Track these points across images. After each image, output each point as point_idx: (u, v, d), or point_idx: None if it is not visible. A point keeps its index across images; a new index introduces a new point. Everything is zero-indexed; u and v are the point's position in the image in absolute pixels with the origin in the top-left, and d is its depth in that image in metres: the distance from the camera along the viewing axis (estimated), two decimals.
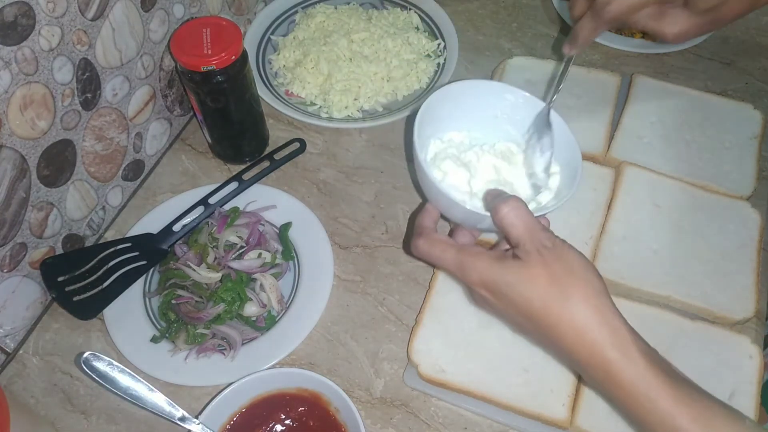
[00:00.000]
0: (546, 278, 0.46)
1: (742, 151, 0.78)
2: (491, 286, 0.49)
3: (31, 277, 0.68)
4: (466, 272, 0.50)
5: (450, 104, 0.62)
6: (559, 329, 0.46)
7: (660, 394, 0.44)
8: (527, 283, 0.47)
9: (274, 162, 0.80)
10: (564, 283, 0.46)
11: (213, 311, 0.66)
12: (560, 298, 0.46)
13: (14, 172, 0.62)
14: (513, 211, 0.49)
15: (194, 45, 0.69)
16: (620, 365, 0.45)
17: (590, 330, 0.45)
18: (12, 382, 0.67)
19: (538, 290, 0.46)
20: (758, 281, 0.68)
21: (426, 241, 0.54)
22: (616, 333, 0.45)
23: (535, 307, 0.47)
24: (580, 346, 0.46)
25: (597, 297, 0.46)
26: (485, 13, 0.98)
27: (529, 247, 0.48)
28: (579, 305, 0.46)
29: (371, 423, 0.63)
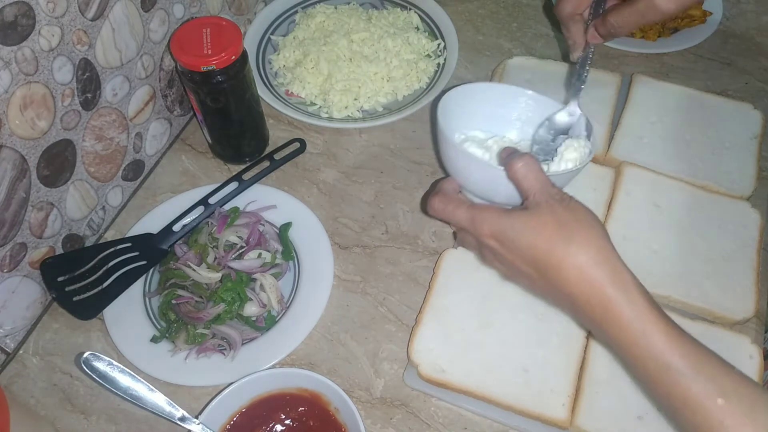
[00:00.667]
0: (552, 224, 0.48)
1: (742, 151, 0.78)
2: (500, 236, 0.51)
3: (31, 277, 0.68)
4: (477, 224, 0.52)
5: (473, 104, 0.65)
6: (561, 271, 0.48)
7: (654, 331, 0.46)
8: (534, 229, 0.49)
9: (274, 162, 0.80)
10: (569, 228, 0.48)
11: (213, 311, 0.66)
12: (564, 242, 0.47)
13: (14, 172, 0.62)
14: (526, 165, 0.51)
15: (194, 45, 0.69)
16: (619, 303, 0.47)
17: (591, 269, 0.47)
18: (12, 382, 0.67)
19: (544, 235, 0.48)
20: (758, 281, 0.68)
21: (441, 199, 0.56)
22: (616, 273, 0.47)
23: (540, 250, 0.49)
24: (581, 285, 0.47)
25: (599, 240, 0.48)
26: (485, 13, 0.98)
27: (539, 198, 0.50)
28: (582, 247, 0.47)
29: (371, 423, 0.63)
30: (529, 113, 0.66)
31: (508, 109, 0.66)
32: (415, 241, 0.75)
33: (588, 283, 0.47)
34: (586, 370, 0.63)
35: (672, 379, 0.46)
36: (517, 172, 0.51)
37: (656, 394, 0.48)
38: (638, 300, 0.47)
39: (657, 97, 0.83)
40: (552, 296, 0.52)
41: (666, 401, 0.47)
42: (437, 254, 0.73)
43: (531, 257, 0.49)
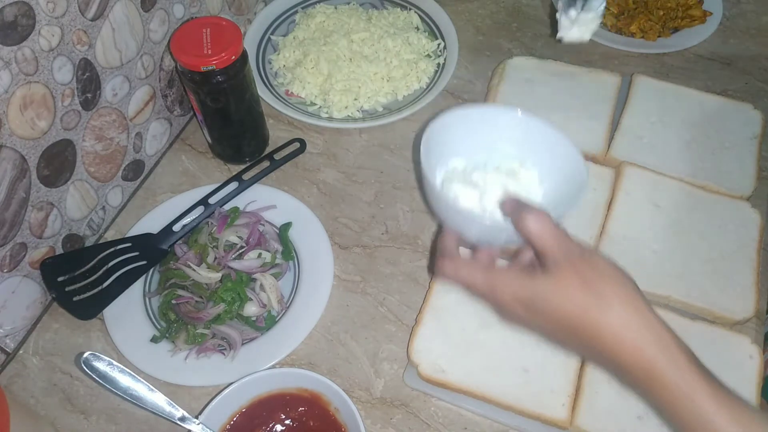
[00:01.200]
0: (580, 286, 0.46)
1: (742, 151, 0.78)
2: (526, 302, 0.48)
3: (31, 277, 0.68)
4: (497, 292, 0.50)
5: (449, 133, 0.62)
6: (600, 336, 0.46)
7: (701, 395, 0.44)
8: (562, 293, 0.46)
9: (274, 162, 0.80)
10: (598, 289, 0.46)
11: (213, 311, 0.66)
12: (597, 305, 0.45)
13: (14, 172, 0.62)
14: (539, 222, 0.48)
15: (194, 45, 0.69)
16: (662, 365, 0.44)
17: (631, 332, 0.45)
18: (12, 382, 0.67)
19: (574, 300, 0.46)
20: (758, 281, 0.68)
21: (451, 264, 0.53)
22: (654, 332, 0.45)
23: (573, 317, 0.46)
24: (622, 349, 0.45)
25: (634, 299, 0.46)
26: (485, 13, 0.98)
27: (559, 257, 0.47)
28: (617, 309, 0.45)
29: (371, 423, 0.63)
30: (511, 132, 0.62)
31: (488, 131, 0.62)
32: (415, 241, 0.75)
33: (626, 347, 0.45)
34: (586, 370, 0.63)
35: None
36: (531, 233, 0.48)
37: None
38: (681, 360, 0.45)
39: (657, 97, 0.83)
40: (589, 357, 0.51)
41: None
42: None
43: (562, 323, 0.47)
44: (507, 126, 0.62)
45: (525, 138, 0.61)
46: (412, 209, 0.78)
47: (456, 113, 0.61)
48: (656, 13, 0.92)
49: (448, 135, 0.61)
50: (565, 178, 0.58)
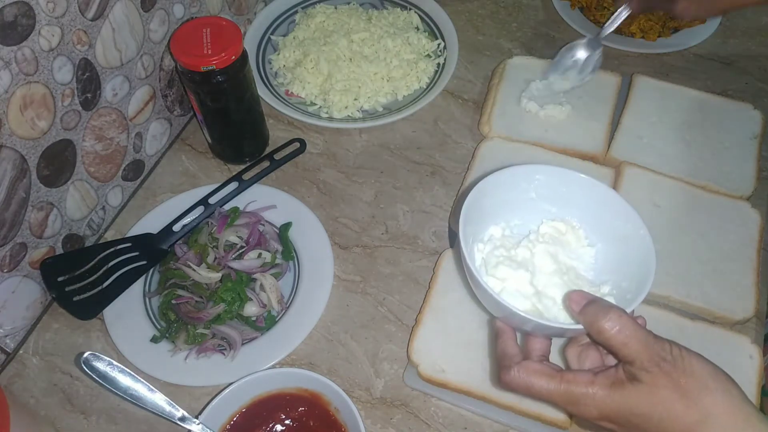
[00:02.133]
0: (679, 399, 0.41)
1: (742, 151, 0.78)
2: (618, 419, 0.43)
3: (31, 277, 0.68)
4: (581, 407, 0.44)
5: (482, 202, 0.56)
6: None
7: None
8: (661, 410, 0.41)
9: (274, 162, 0.80)
10: (701, 401, 0.41)
11: (213, 311, 0.66)
12: (703, 421, 0.41)
13: (14, 172, 0.62)
14: (619, 326, 0.43)
15: (194, 45, 0.69)
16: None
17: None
18: (12, 382, 0.67)
19: (677, 418, 0.41)
20: (758, 281, 0.68)
21: (519, 373, 0.46)
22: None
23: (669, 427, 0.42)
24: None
25: (740, 406, 0.41)
26: (485, 13, 0.98)
27: (648, 365, 0.42)
28: (722, 422, 0.41)
29: (371, 423, 0.63)
30: (541, 188, 0.58)
31: (519, 192, 0.58)
32: (415, 241, 0.75)
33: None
34: None
35: None
36: (612, 339, 0.43)
37: None
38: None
39: (657, 97, 0.83)
40: None
41: None
42: (437, 254, 0.73)
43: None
44: (539, 184, 0.58)
45: (560, 193, 0.57)
46: (412, 209, 0.78)
47: (485, 182, 0.55)
48: (656, 13, 0.92)
49: (481, 204, 0.56)
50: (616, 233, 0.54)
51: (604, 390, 0.43)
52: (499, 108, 0.83)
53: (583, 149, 0.79)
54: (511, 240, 0.58)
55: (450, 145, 0.83)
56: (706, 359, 0.43)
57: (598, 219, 0.56)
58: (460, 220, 0.53)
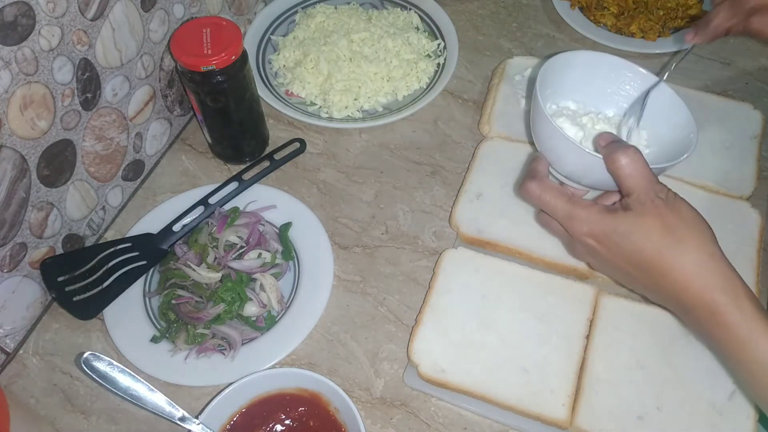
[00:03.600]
0: (660, 228, 0.47)
1: (742, 151, 0.78)
2: (601, 237, 0.50)
3: (31, 277, 0.68)
4: (575, 222, 0.51)
5: (568, 73, 0.61)
6: (670, 276, 0.47)
7: (762, 336, 0.46)
8: (641, 232, 0.48)
9: (274, 162, 0.80)
10: (678, 232, 0.47)
11: (213, 311, 0.66)
12: (674, 247, 0.47)
13: (14, 172, 0.62)
14: (631, 161, 0.49)
15: (194, 45, 0.69)
16: (727, 307, 0.46)
17: (700, 275, 0.47)
18: (12, 382, 0.67)
19: (652, 240, 0.47)
20: (758, 281, 0.68)
21: (539, 185, 0.54)
22: (726, 278, 0.47)
23: (646, 255, 0.48)
24: (689, 290, 0.47)
25: (708, 245, 0.48)
26: (485, 13, 0.98)
27: (644, 198, 0.48)
28: (692, 254, 0.47)
29: (371, 423, 0.63)
30: (628, 88, 0.61)
31: (608, 82, 0.62)
32: (415, 241, 0.75)
33: (696, 289, 0.47)
34: (586, 370, 0.63)
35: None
36: (621, 168, 0.49)
37: (763, 398, 0.48)
38: (746, 305, 0.46)
39: None
40: (655, 296, 0.52)
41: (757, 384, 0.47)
42: (437, 254, 0.73)
43: (636, 261, 0.49)
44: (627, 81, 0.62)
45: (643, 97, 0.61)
46: (412, 209, 0.78)
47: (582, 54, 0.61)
48: (656, 13, 0.92)
49: (568, 75, 0.61)
50: (673, 142, 0.58)
51: (599, 212, 0.50)
52: (499, 108, 0.83)
53: None
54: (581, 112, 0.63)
55: (450, 145, 0.83)
56: (694, 208, 0.49)
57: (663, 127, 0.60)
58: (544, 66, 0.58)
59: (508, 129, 0.81)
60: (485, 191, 0.76)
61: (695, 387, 0.61)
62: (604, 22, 0.94)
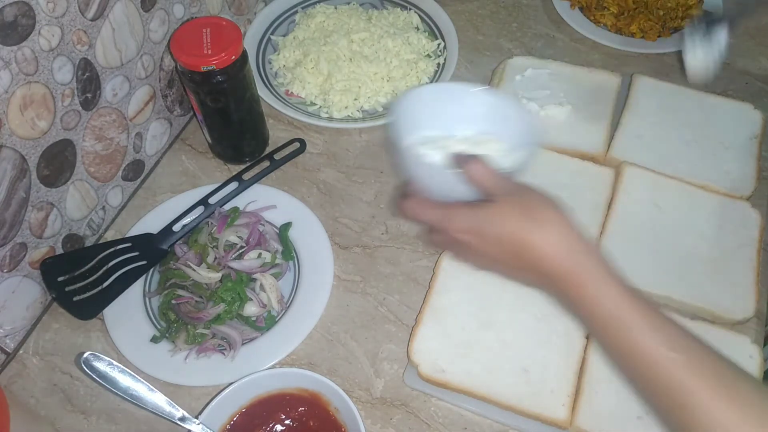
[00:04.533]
0: (516, 211, 0.53)
1: (742, 151, 0.78)
2: (472, 229, 0.55)
3: (31, 277, 0.68)
4: (449, 222, 0.56)
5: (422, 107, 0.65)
6: (528, 248, 0.52)
7: (610, 289, 0.50)
8: (502, 217, 0.53)
9: (274, 162, 0.80)
10: (531, 211, 0.53)
11: (213, 311, 0.66)
12: (530, 225, 0.52)
13: (14, 172, 0.62)
14: (480, 166, 0.55)
15: (194, 45, 0.69)
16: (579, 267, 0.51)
17: (554, 243, 0.52)
18: (12, 382, 0.67)
19: (511, 221, 0.53)
20: (758, 281, 0.68)
21: (412, 202, 0.59)
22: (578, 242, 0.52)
23: (508, 234, 0.53)
24: (547, 258, 0.52)
25: (561, 217, 0.53)
26: (485, 13, 0.98)
27: (500, 192, 0.54)
28: (546, 228, 0.52)
29: (371, 423, 0.63)
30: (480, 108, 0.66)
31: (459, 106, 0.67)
32: (415, 241, 0.75)
33: (552, 255, 0.52)
34: (586, 370, 0.63)
35: (625, 333, 0.49)
36: (474, 174, 0.55)
37: (614, 352, 0.51)
38: (597, 265, 0.51)
39: (657, 97, 0.83)
40: (524, 274, 0.55)
41: (623, 359, 0.50)
42: (437, 254, 0.73)
43: (502, 242, 0.54)
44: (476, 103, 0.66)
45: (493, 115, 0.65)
46: None
47: (429, 88, 0.66)
48: (656, 13, 0.92)
49: (422, 109, 0.65)
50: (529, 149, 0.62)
51: (467, 208, 0.55)
52: None
53: (583, 149, 0.79)
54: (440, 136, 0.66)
55: None
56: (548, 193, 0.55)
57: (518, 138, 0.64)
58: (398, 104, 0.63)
59: None
60: None
61: None
62: (604, 22, 0.94)
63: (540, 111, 0.81)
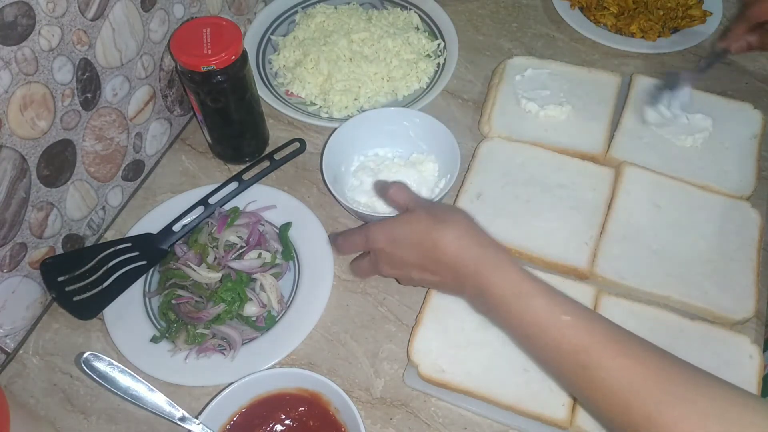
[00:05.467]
0: (427, 217, 0.59)
1: (742, 151, 0.78)
2: (390, 238, 0.61)
3: (31, 277, 0.68)
4: (372, 236, 0.62)
5: (359, 133, 0.77)
6: (439, 247, 0.58)
7: (509, 271, 0.55)
8: (414, 223, 0.60)
9: (274, 162, 0.80)
10: (440, 216, 0.59)
11: (213, 311, 0.66)
12: (438, 225, 0.58)
13: (14, 172, 0.62)
14: (397, 188, 0.63)
15: (194, 45, 0.69)
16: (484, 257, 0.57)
17: (461, 239, 0.57)
18: (12, 382, 0.67)
19: (422, 225, 0.59)
20: (758, 281, 0.68)
21: (341, 236, 0.67)
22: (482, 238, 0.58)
23: (420, 237, 0.59)
24: (456, 253, 0.57)
25: (465, 220, 0.59)
26: (485, 13, 0.98)
27: (414, 205, 0.62)
28: (452, 226, 0.58)
29: (371, 423, 0.63)
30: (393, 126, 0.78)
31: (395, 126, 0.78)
32: None
33: (460, 250, 0.57)
34: None
35: (524, 306, 0.54)
36: (392, 195, 0.63)
37: (514, 327, 0.56)
38: (499, 255, 0.57)
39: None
40: (438, 274, 0.60)
41: (521, 330, 0.55)
42: None
43: (413, 244, 0.59)
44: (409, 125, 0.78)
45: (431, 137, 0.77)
46: None
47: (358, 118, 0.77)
48: (656, 13, 0.92)
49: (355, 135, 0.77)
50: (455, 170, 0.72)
51: (384, 222, 0.62)
52: (499, 108, 0.83)
53: (583, 149, 0.79)
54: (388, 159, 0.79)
55: None
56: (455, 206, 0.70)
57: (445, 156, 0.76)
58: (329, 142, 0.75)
59: (508, 129, 0.81)
60: (485, 191, 0.76)
61: None
62: (604, 22, 0.94)
63: (540, 111, 0.81)
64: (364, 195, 0.75)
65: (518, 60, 0.88)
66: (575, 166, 0.77)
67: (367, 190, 0.76)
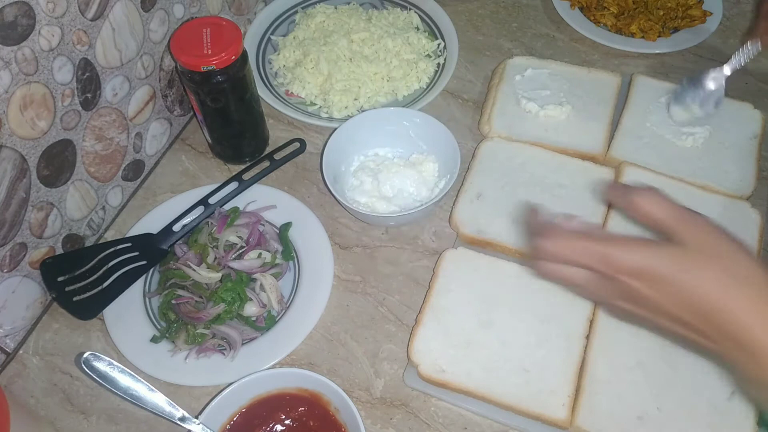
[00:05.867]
0: (712, 265, 0.42)
1: (742, 151, 0.78)
2: (648, 274, 0.43)
3: (31, 277, 0.68)
4: (614, 261, 0.44)
5: (360, 133, 0.77)
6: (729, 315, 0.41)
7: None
8: (698, 269, 0.42)
9: (274, 162, 0.80)
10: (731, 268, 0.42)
11: (213, 311, 0.66)
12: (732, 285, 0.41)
13: (14, 172, 0.62)
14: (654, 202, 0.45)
15: (194, 45, 0.69)
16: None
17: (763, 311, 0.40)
18: (12, 382, 0.67)
19: (706, 276, 0.42)
20: None
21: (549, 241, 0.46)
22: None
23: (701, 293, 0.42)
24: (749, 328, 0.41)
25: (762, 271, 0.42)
26: (485, 13, 0.98)
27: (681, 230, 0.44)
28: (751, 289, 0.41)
29: (371, 423, 0.63)
30: (418, 129, 0.78)
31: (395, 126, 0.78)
32: (415, 241, 0.75)
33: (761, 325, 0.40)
34: (586, 370, 0.63)
35: None
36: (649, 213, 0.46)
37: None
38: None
39: (657, 97, 0.83)
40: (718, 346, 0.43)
41: None
42: (437, 254, 0.73)
43: (694, 300, 0.42)
44: (409, 125, 0.78)
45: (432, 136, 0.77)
46: None
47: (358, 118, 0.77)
48: (656, 13, 0.92)
49: (355, 135, 0.77)
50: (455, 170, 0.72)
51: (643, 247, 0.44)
52: (499, 108, 0.83)
53: (583, 149, 0.79)
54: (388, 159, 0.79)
55: None
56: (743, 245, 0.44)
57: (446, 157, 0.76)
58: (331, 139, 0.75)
59: (508, 129, 0.81)
60: (485, 191, 0.76)
61: (695, 387, 0.61)
62: (604, 22, 0.94)
63: (540, 111, 0.81)
64: (364, 195, 0.75)
65: (518, 60, 0.88)
66: (575, 166, 0.77)
67: (367, 189, 0.75)
